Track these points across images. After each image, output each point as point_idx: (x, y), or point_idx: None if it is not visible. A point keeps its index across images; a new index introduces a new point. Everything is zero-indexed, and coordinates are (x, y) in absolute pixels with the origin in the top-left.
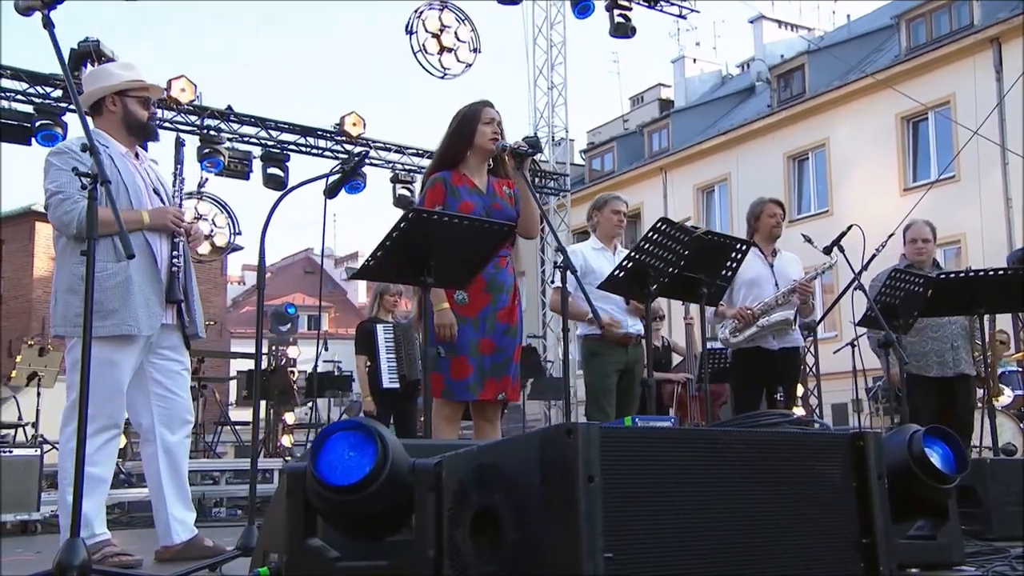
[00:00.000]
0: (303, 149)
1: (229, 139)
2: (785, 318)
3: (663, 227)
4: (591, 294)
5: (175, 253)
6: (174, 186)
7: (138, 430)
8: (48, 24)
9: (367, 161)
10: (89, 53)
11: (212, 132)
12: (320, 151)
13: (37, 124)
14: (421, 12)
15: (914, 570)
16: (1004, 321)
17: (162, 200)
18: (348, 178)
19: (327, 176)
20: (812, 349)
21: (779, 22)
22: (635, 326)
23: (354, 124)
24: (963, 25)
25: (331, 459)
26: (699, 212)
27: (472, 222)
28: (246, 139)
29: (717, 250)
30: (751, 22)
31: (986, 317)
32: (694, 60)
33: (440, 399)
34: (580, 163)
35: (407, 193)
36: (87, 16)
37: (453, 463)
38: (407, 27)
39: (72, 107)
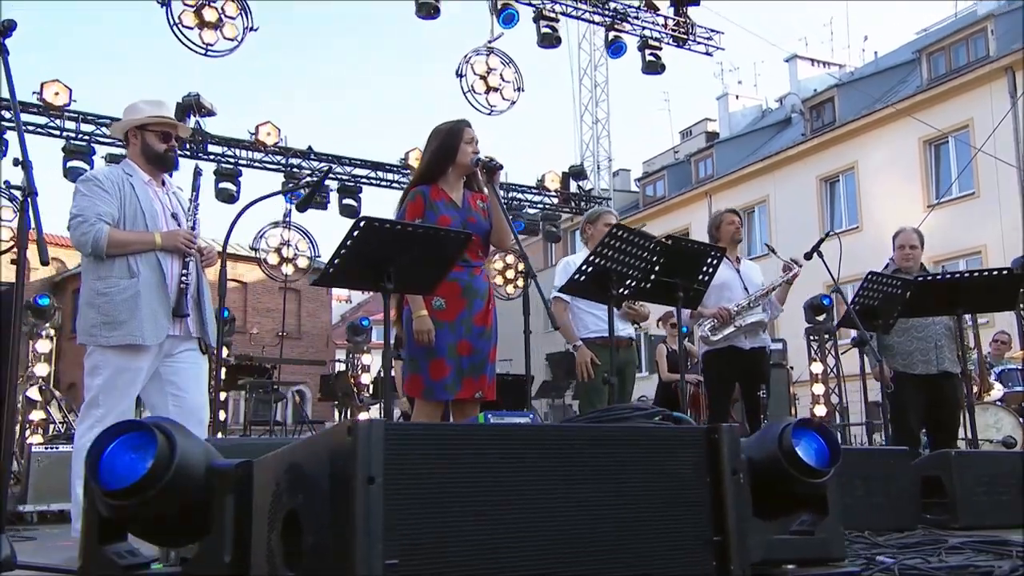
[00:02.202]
0: (374, 182)
1: (309, 175)
2: (759, 320)
3: (618, 232)
4: (588, 301)
5: (184, 272)
6: (189, 210)
7: None
8: (2, 50)
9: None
10: (191, 105)
11: (295, 169)
12: (389, 183)
13: None
14: (470, 58)
15: (791, 566)
16: (1007, 323)
17: (179, 224)
18: (315, 193)
19: (288, 192)
20: (833, 352)
21: (812, 60)
22: (626, 330)
23: (417, 159)
24: (980, 56)
25: (112, 461)
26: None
27: (427, 230)
28: None
29: (691, 256)
30: (786, 61)
31: (967, 317)
32: (736, 97)
33: (421, 399)
34: (635, 190)
35: None
36: (189, 69)
37: (270, 463)
38: (457, 71)
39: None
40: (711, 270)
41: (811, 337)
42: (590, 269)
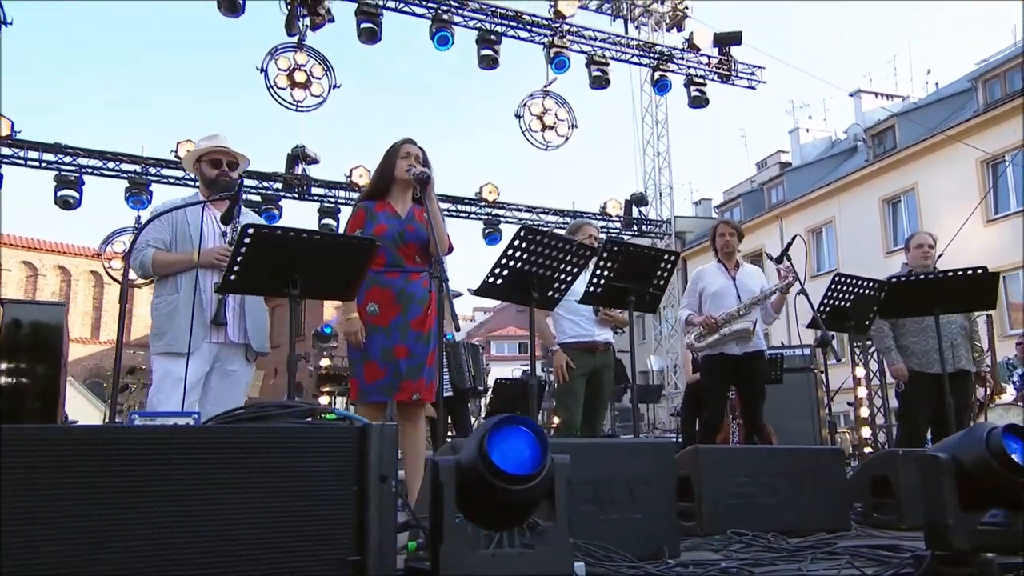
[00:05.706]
0: (451, 214)
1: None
2: (744, 327)
3: (527, 235)
4: (567, 307)
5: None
6: (230, 228)
7: None
8: None
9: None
10: (298, 155)
11: None
12: (466, 215)
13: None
14: (526, 102)
15: None
16: None
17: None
18: (235, 205)
19: (205, 202)
20: (875, 356)
21: (876, 93)
22: (604, 335)
23: (490, 192)
24: None
25: None
26: (810, 250)
27: (325, 236)
28: None
29: (644, 262)
30: (852, 96)
31: (983, 320)
32: (807, 130)
33: (357, 401)
34: (715, 216)
35: None
36: (301, 126)
37: None
38: (516, 112)
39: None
40: (666, 275)
41: (854, 343)
42: (505, 272)
